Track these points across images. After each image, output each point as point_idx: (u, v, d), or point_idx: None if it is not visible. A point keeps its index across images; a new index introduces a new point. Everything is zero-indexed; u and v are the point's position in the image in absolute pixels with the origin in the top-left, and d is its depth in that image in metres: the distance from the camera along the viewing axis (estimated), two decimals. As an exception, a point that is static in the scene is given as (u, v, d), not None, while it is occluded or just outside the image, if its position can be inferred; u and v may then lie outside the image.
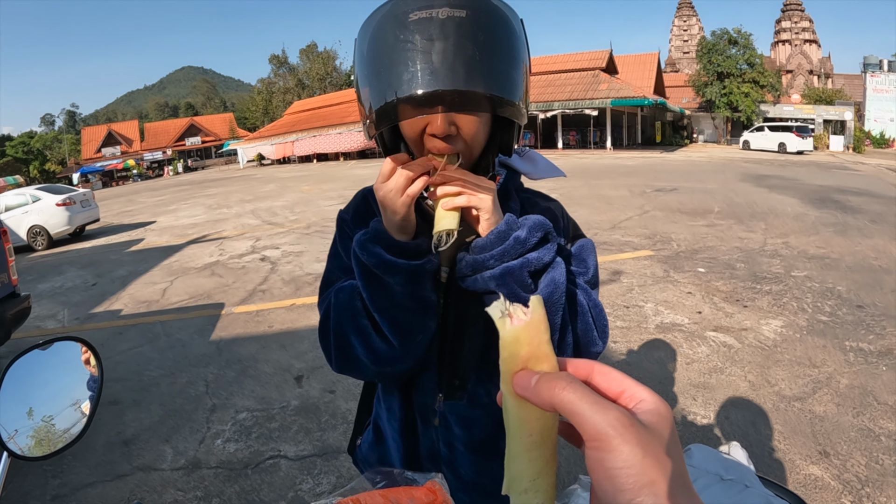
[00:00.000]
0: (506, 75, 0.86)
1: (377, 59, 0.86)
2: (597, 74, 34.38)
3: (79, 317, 7.00)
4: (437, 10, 0.81)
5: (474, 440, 1.11)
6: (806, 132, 30.20)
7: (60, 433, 1.07)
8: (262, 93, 69.52)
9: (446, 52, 0.80)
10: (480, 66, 0.82)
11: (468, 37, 0.81)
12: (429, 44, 0.80)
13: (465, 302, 1.03)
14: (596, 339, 1.00)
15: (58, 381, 1.14)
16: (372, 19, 0.88)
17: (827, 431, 3.32)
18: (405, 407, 1.15)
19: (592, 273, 1.08)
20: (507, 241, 0.88)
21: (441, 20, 0.81)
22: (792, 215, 10.13)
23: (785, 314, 5.21)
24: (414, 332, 0.98)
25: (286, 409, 3.98)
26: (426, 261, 0.93)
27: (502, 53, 0.86)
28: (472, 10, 0.82)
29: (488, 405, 1.10)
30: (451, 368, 1.09)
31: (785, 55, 60.31)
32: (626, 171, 19.69)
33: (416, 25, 0.82)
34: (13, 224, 13.27)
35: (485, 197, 0.88)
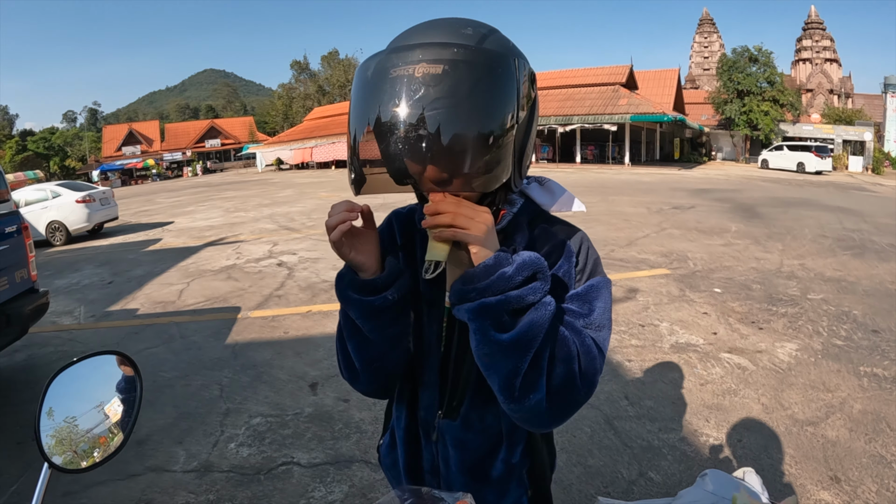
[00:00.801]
0: (476, 152, 0.84)
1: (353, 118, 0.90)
2: (617, 89, 34.34)
3: (94, 314, 7.07)
4: (414, 67, 0.82)
5: (465, 462, 1.14)
6: (825, 152, 29.99)
7: (82, 434, 1.09)
8: (283, 98, 70.07)
9: (409, 128, 0.81)
10: (448, 148, 0.82)
11: (438, 103, 0.81)
12: (396, 110, 0.82)
13: (465, 332, 1.01)
14: (578, 386, 0.95)
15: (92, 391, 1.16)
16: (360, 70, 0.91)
17: (839, 457, 3.29)
18: (410, 419, 1.20)
19: (597, 315, 1.04)
20: (492, 276, 0.87)
21: (417, 79, 0.82)
22: (809, 237, 10.05)
23: (800, 337, 5.17)
24: (373, 361, 1.06)
25: (300, 416, 4.00)
26: (378, 298, 0.97)
27: (478, 119, 0.84)
28: (449, 65, 0.82)
29: (480, 431, 1.13)
30: (452, 388, 1.12)
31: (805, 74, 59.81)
32: (643, 188, 19.62)
33: (390, 84, 0.83)
34: (32, 219, 13.41)
35: (475, 230, 0.87)
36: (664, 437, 3.55)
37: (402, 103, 0.81)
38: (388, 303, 0.98)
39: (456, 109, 0.82)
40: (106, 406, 1.15)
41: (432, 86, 0.81)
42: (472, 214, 0.86)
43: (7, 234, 4.83)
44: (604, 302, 1.06)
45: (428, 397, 1.15)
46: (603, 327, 1.04)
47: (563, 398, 0.95)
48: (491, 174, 0.86)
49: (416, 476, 1.21)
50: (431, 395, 1.14)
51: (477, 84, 0.83)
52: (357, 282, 0.98)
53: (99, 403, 1.15)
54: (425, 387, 1.15)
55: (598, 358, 0.99)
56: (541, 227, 1.12)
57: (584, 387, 0.96)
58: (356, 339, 1.05)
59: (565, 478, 3.15)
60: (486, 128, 0.84)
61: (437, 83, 0.81)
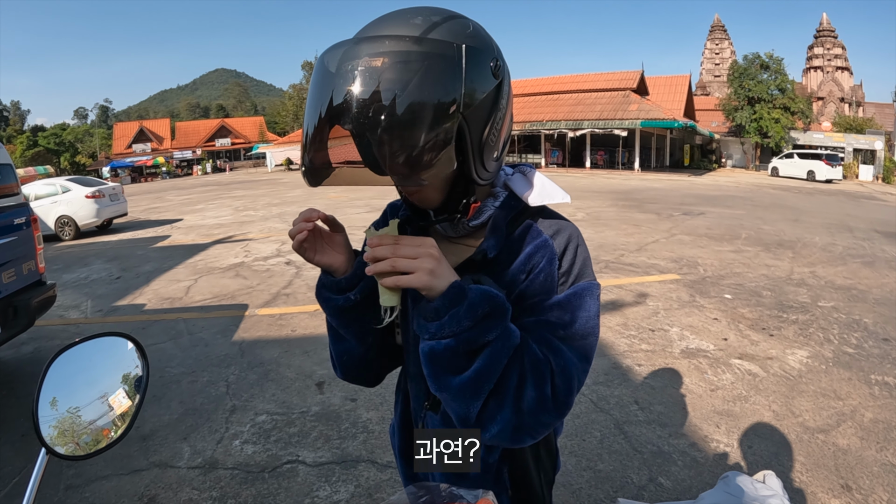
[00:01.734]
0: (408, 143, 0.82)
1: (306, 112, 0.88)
2: (627, 95, 34.32)
3: (102, 309, 7.08)
4: (357, 62, 0.82)
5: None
6: (835, 160, 29.86)
7: (85, 425, 1.06)
8: (294, 98, 70.11)
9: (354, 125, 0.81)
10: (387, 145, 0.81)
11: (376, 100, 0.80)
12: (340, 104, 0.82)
13: None
14: (550, 409, 0.93)
15: (97, 377, 1.13)
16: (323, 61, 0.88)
17: (850, 465, 3.24)
18: (405, 407, 1.26)
19: (580, 326, 1.00)
20: (442, 317, 0.86)
21: (359, 73, 0.81)
22: (820, 245, 9.98)
23: (811, 344, 5.12)
24: (342, 354, 1.16)
25: (306, 415, 3.97)
26: (342, 298, 1.04)
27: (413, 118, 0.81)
28: (388, 58, 0.82)
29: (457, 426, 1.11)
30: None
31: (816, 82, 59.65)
32: (653, 194, 19.57)
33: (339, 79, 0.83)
34: (42, 213, 13.44)
35: (418, 272, 0.84)
36: (674, 442, 3.50)
37: (347, 96, 0.81)
38: (350, 302, 1.03)
39: (392, 100, 0.80)
40: (111, 397, 1.13)
41: (373, 78, 0.80)
42: (412, 253, 0.84)
43: (16, 226, 4.84)
44: (587, 311, 1.01)
45: (415, 388, 1.18)
46: (588, 335, 1.01)
47: (532, 420, 0.93)
48: (432, 166, 0.83)
49: (408, 461, 1.25)
50: (418, 386, 1.16)
51: (414, 74, 0.81)
52: (326, 281, 1.05)
53: (104, 394, 1.12)
54: (412, 378, 1.18)
55: (578, 374, 0.97)
56: (525, 225, 1.08)
57: (555, 409, 0.94)
58: (331, 332, 1.15)
59: (574, 482, 3.12)
60: (420, 118, 0.81)
61: (378, 75, 0.80)
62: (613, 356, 4.85)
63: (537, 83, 40.30)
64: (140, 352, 1.16)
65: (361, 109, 0.80)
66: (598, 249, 9.42)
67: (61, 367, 1.06)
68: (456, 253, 1.09)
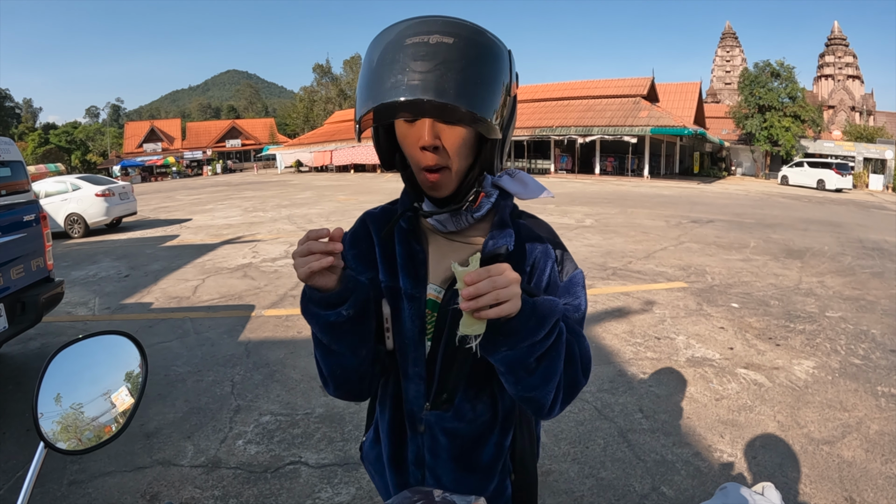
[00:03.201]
0: (479, 93, 0.92)
1: (371, 73, 0.94)
2: (637, 101, 34.26)
3: (109, 307, 7.12)
4: (429, 37, 0.91)
5: (455, 450, 1.18)
6: (845, 169, 29.68)
7: (88, 421, 1.07)
8: (304, 100, 70.56)
9: (426, 69, 0.88)
10: (455, 84, 0.89)
11: (450, 59, 0.90)
12: (415, 63, 0.89)
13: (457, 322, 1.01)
14: (581, 381, 1.07)
15: (96, 374, 1.14)
16: (375, 42, 0.97)
17: (854, 477, 3.22)
18: (395, 411, 1.22)
19: (583, 309, 1.14)
20: (521, 332, 0.91)
21: (431, 45, 0.90)
22: (829, 255, 9.93)
23: (817, 355, 5.09)
24: (335, 368, 1.11)
25: (310, 416, 3.98)
26: (333, 313, 1.01)
27: (479, 74, 0.92)
28: (458, 38, 0.92)
29: (472, 420, 1.17)
30: (439, 382, 1.14)
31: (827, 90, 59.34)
32: (662, 201, 19.50)
33: (409, 48, 0.91)
34: (51, 210, 13.55)
35: (514, 300, 0.88)
36: (678, 451, 3.49)
37: (423, 59, 0.89)
38: (342, 318, 1.01)
39: (465, 67, 0.91)
40: (113, 395, 1.13)
41: (446, 49, 0.90)
42: (506, 283, 0.87)
43: (25, 222, 4.87)
44: (581, 296, 1.14)
45: (413, 390, 1.17)
46: (583, 318, 1.14)
47: (570, 394, 1.07)
48: (487, 124, 0.93)
49: (399, 468, 1.23)
50: (417, 387, 1.16)
51: (480, 54, 0.94)
52: (314, 297, 1.00)
53: (106, 391, 1.12)
54: (410, 380, 1.16)
55: (589, 350, 1.09)
56: (518, 224, 1.18)
57: (584, 378, 1.07)
58: (320, 348, 1.09)
59: (577, 489, 3.11)
60: (494, 83, 0.95)
61: (450, 48, 0.90)
62: (619, 364, 4.84)
63: (547, 89, 40.29)
64: (140, 351, 1.17)
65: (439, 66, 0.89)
66: (605, 256, 9.40)
67: (64, 364, 1.07)
68: (457, 250, 1.15)
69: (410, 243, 1.15)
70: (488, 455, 1.20)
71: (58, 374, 1.06)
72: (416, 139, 0.99)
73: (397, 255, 1.16)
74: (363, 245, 1.21)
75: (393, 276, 1.15)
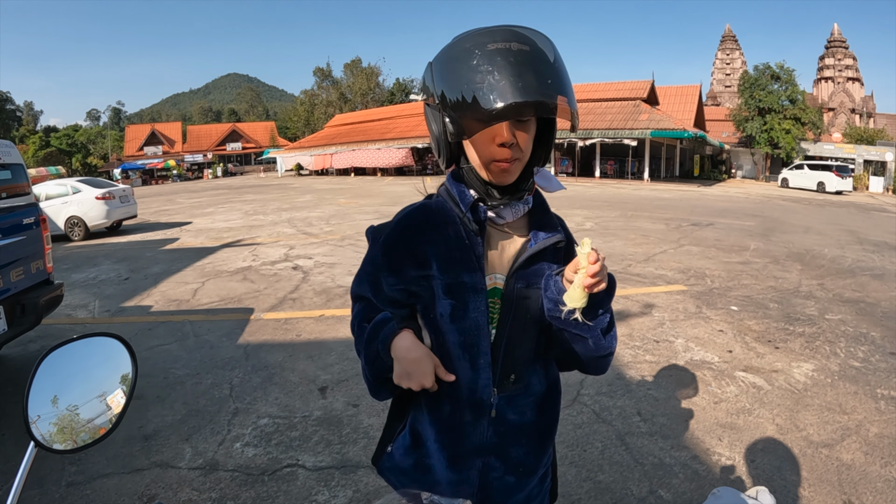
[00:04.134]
0: (573, 96, 1.08)
1: (477, 72, 1.03)
2: (637, 104, 34.27)
3: (109, 309, 7.12)
4: (511, 44, 1.03)
5: (525, 425, 1.29)
6: (846, 172, 29.75)
7: (84, 423, 1.07)
8: (305, 104, 70.61)
9: (539, 70, 1.02)
10: (566, 88, 1.05)
11: (558, 68, 1.06)
12: (522, 65, 1.01)
13: (522, 309, 1.22)
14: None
15: (90, 375, 1.14)
16: (474, 44, 1.06)
17: (853, 481, 3.21)
18: (454, 407, 1.25)
19: None
20: (607, 303, 1.14)
21: (538, 54, 1.04)
22: (829, 257, 9.93)
23: (817, 358, 5.08)
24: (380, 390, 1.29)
25: (308, 419, 3.98)
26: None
27: (568, 79, 1.08)
28: (532, 47, 1.05)
29: (537, 393, 1.30)
30: (505, 366, 1.23)
31: (827, 92, 59.40)
32: (662, 204, 19.50)
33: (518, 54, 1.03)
34: (52, 213, 13.62)
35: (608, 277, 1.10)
36: (676, 454, 3.49)
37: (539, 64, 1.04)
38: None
39: (565, 76, 1.08)
40: (109, 396, 1.14)
41: (548, 57, 1.05)
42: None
43: (25, 225, 4.89)
44: None
45: (483, 378, 1.22)
46: None
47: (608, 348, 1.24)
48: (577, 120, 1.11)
49: (458, 463, 1.27)
50: (486, 375, 1.22)
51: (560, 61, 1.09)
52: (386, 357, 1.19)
53: (102, 393, 1.14)
54: (479, 370, 1.22)
55: None
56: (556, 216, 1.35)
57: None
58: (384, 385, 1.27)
59: (574, 493, 3.10)
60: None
61: (554, 57, 1.06)
62: (617, 367, 4.84)
63: (548, 91, 40.23)
64: (130, 353, 1.18)
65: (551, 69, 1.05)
66: (606, 259, 9.36)
67: (56, 365, 1.07)
68: (512, 242, 1.26)
69: (472, 236, 1.21)
70: (547, 422, 1.34)
71: (51, 375, 1.06)
72: (491, 136, 1.10)
73: (460, 249, 1.21)
74: (408, 245, 1.25)
75: (452, 271, 1.20)
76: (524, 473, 1.31)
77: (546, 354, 1.31)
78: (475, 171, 1.19)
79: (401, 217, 1.28)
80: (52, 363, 1.07)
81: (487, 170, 1.16)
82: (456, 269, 1.19)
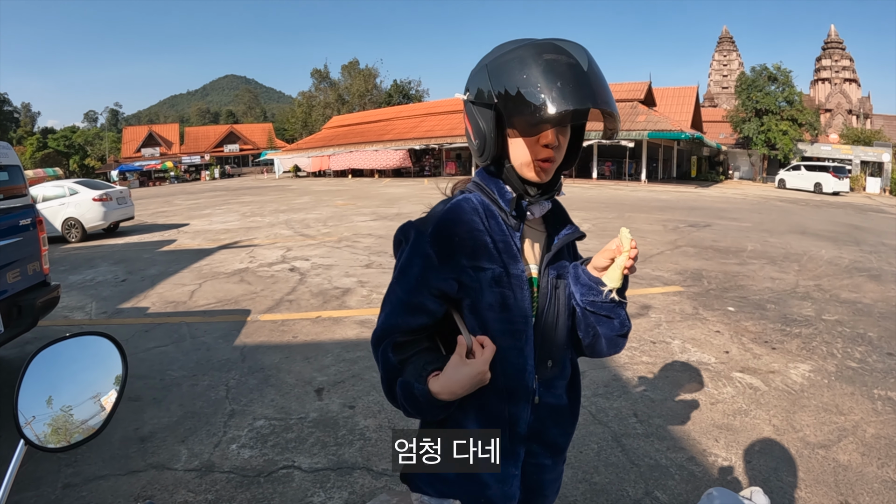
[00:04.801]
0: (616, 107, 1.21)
1: (537, 80, 1.11)
2: (635, 106, 34.28)
3: (106, 311, 7.12)
4: (564, 57, 1.13)
5: (561, 406, 1.37)
6: (843, 173, 29.85)
7: (78, 424, 1.08)
8: (303, 105, 70.46)
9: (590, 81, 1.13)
10: (609, 94, 1.17)
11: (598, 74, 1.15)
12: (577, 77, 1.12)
13: (555, 298, 1.31)
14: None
15: (81, 375, 1.15)
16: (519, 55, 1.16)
17: (850, 481, 3.21)
18: (499, 399, 1.27)
19: None
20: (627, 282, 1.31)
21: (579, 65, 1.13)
22: (826, 258, 9.94)
23: (814, 358, 5.09)
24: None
25: (304, 421, 3.98)
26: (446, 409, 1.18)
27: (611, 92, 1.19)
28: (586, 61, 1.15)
29: (567, 376, 1.39)
30: (544, 351, 1.29)
31: (824, 94, 59.44)
32: (660, 206, 19.53)
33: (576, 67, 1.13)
34: (49, 214, 13.64)
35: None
36: (672, 456, 3.49)
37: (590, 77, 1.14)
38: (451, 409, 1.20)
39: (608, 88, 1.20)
40: (103, 398, 1.14)
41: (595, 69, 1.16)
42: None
43: (22, 227, 4.88)
44: None
45: (530, 366, 1.27)
46: None
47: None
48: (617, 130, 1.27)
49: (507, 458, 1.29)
50: (531, 363, 1.27)
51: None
52: (440, 404, 1.16)
53: (96, 394, 1.14)
54: (526, 357, 1.26)
55: None
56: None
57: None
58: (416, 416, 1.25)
59: (570, 494, 3.10)
60: None
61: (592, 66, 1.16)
62: (614, 368, 4.84)
63: (545, 93, 40.26)
64: (121, 353, 1.18)
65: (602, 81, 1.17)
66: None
67: (47, 363, 1.07)
68: (539, 235, 1.37)
69: (511, 230, 1.28)
70: (576, 402, 1.43)
71: (41, 374, 1.06)
72: (537, 139, 1.21)
73: (503, 241, 1.27)
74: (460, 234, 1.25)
75: (500, 262, 1.24)
76: (557, 452, 1.41)
77: (571, 340, 1.39)
78: (515, 170, 1.26)
79: (448, 209, 1.27)
80: (43, 362, 1.07)
81: (529, 168, 1.24)
82: (502, 259, 1.24)
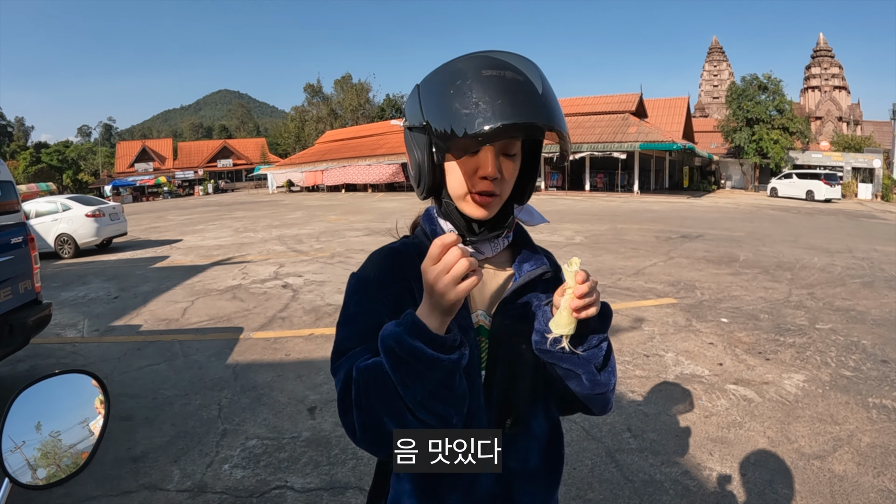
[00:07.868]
0: (564, 122, 1.03)
1: (468, 95, 0.96)
2: (626, 117, 34.46)
3: (98, 329, 7.08)
4: (504, 72, 0.98)
5: (530, 470, 1.17)
6: (834, 180, 30.04)
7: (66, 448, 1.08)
8: (296, 120, 70.70)
9: (531, 96, 0.97)
10: (557, 111, 1.00)
11: (547, 92, 1.00)
12: (514, 91, 0.96)
13: (512, 344, 1.11)
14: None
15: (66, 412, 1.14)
16: (450, 71, 1.02)
17: (846, 492, 3.21)
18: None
19: None
20: (602, 331, 1.05)
21: (524, 79, 0.98)
22: (819, 266, 9.98)
23: (808, 368, 5.09)
24: (450, 417, 0.96)
25: (297, 440, 3.96)
26: (462, 355, 0.92)
27: (559, 107, 1.03)
28: (527, 76, 0.99)
29: (537, 436, 1.18)
30: (502, 409, 1.12)
31: (814, 101, 59.98)
32: (652, 217, 19.59)
33: (505, 80, 0.97)
34: (42, 230, 13.66)
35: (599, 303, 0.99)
36: (666, 470, 3.48)
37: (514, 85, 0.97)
38: (467, 358, 0.95)
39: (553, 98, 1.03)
40: (91, 423, 1.15)
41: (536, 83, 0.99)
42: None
43: (13, 244, 4.87)
44: None
45: (478, 424, 1.08)
46: None
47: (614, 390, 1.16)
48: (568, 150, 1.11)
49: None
50: (480, 421, 1.08)
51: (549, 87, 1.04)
52: (445, 341, 0.90)
53: (84, 419, 1.14)
54: (473, 415, 1.07)
55: None
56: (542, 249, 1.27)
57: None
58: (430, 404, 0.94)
59: (564, 510, 3.09)
60: None
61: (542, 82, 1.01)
62: (607, 381, 4.82)
63: (537, 105, 40.46)
64: (102, 389, 1.18)
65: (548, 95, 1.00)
66: (595, 274, 9.36)
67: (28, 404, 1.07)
68: (495, 277, 1.18)
69: None
70: (553, 467, 1.23)
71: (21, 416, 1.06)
72: (474, 168, 1.04)
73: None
74: (398, 284, 1.11)
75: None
76: None
77: (546, 394, 1.19)
78: (455, 205, 1.10)
79: (372, 257, 1.18)
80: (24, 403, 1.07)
81: (467, 202, 1.07)
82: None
